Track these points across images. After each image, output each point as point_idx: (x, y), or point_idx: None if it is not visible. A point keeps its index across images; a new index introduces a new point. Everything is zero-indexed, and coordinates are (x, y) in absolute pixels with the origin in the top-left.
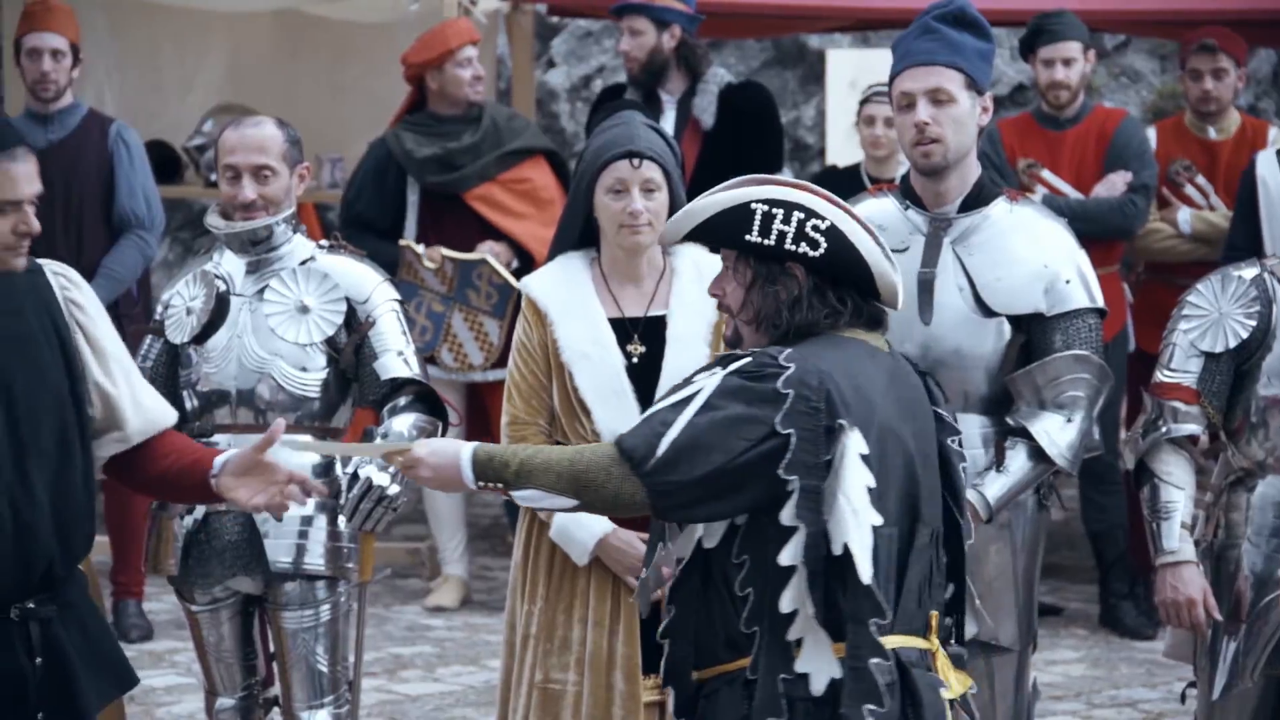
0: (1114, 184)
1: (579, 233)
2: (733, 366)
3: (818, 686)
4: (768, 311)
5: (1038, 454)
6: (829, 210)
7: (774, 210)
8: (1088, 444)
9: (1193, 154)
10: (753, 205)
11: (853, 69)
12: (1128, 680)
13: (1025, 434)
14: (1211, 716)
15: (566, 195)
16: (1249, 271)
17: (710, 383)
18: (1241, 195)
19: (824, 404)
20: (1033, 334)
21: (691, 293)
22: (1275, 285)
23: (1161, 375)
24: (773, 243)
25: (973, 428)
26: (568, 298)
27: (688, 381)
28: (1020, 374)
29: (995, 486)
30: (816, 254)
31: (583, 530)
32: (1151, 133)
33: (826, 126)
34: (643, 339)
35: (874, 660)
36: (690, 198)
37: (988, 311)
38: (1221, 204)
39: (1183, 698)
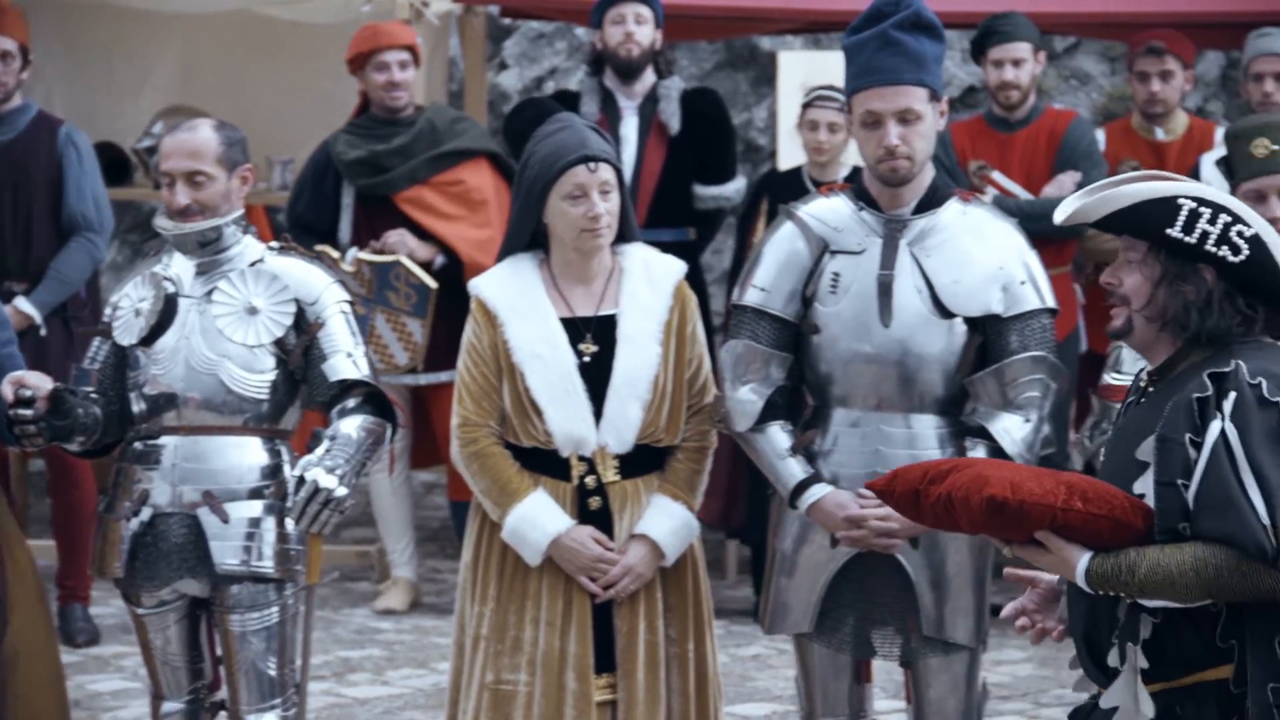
0: (1064, 184)
1: (529, 236)
2: (1230, 408)
3: None
4: (1175, 310)
5: (997, 453)
6: (1253, 218)
7: (1201, 209)
8: (1043, 442)
9: (1141, 155)
10: (1180, 200)
11: (804, 71)
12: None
13: (984, 433)
14: None
15: (511, 197)
16: None
17: (1229, 432)
18: None
19: None
20: (989, 335)
21: (642, 291)
22: None
23: (1109, 377)
24: (1194, 241)
25: (928, 428)
26: (518, 298)
27: (1167, 442)
28: (979, 376)
29: None
30: (1237, 259)
31: (536, 530)
32: (1101, 134)
33: (778, 128)
34: (594, 338)
35: None
36: (658, 202)
37: (945, 313)
38: None
39: None
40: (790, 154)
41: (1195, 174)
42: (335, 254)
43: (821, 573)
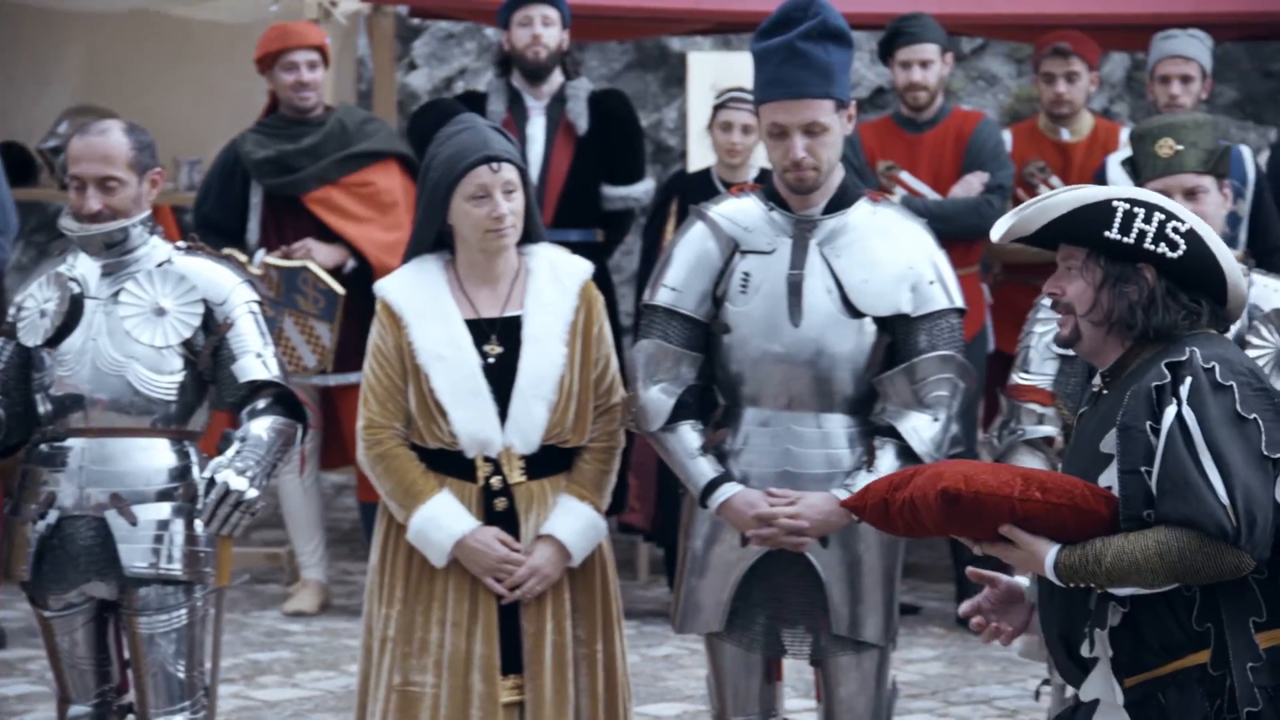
0: (971, 185)
1: (434, 238)
2: (1186, 393)
3: None
4: (1120, 312)
5: (906, 452)
6: (1186, 214)
7: (1135, 209)
8: (951, 440)
9: (1047, 155)
10: (1114, 203)
11: (714, 72)
12: (983, 678)
13: (893, 433)
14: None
15: (415, 199)
16: None
17: (1186, 415)
18: None
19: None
20: (898, 334)
21: (547, 292)
22: None
23: (1017, 377)
24: (1132, 241)
25: (838, 427)
26: (422, 300)
27: (1129, 430)
28: (888, 375)
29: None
30: (1175, 255)
31: (440, 532)
32: (1007, 135)
33: (688, 129)
34: (499, 339)
35: None
36: (565, 203)
37: (855, 312)
38: None
39: (1037, 695)
40: (701, 155)
41: (1101, 175)
42: (243, 258)
43: (732, 572)
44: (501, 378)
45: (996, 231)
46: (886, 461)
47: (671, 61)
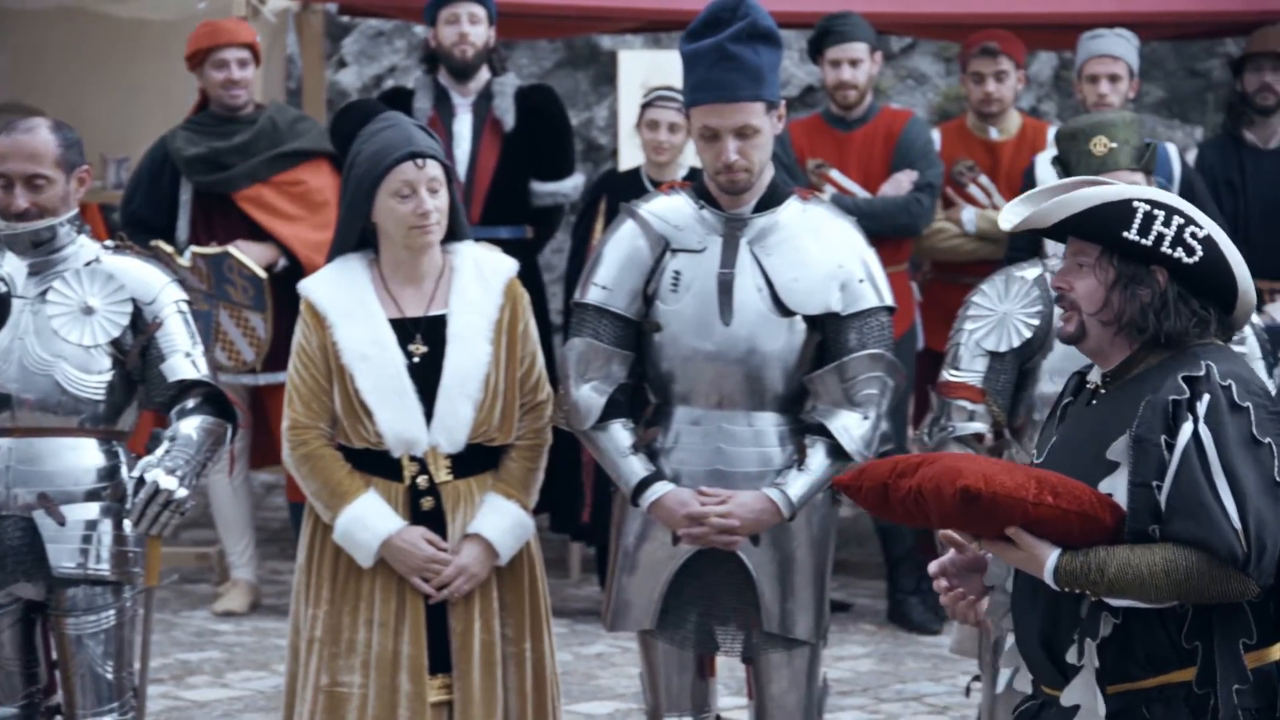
0: (900, 183)
1: (359, 236)
2: (1203, 411)
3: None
4: (1131, 314)
5: (836, 451)
6: (1205, 220)
7: (1156, 211)
8: (882, 438)
9: (976, 154)
10: (1135, 203)
11: (645, 70)
12: (914, 675)
13: (823, 431)
14: (995, 709)
15: (339, 197)
16: (1031, 272)
17: (1203, 434)
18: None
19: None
20: (828, 333)
21: (472, 290)
22: None
23: (948, 374)
24: (1150, 243)
25: (769, 425)
26: (346, 300)
27: (1143, 443)
28: (818, 374)
29: (797, 485)
30: (1191, 260)
31: (366, 532)
32: (936, 134)
33: (619, 127)
34: (424, 338)
35: None
36: (494, 200)
37: (785, 311)
38: (1004, 203)
39: (967, 691)
40: (632, 153)
41: (1030, 173)
42: (169, 249)
43: (663, 570)
44: (427, 377)
45: (1008, 221)
46: (818, 460)
47: (602, 60)
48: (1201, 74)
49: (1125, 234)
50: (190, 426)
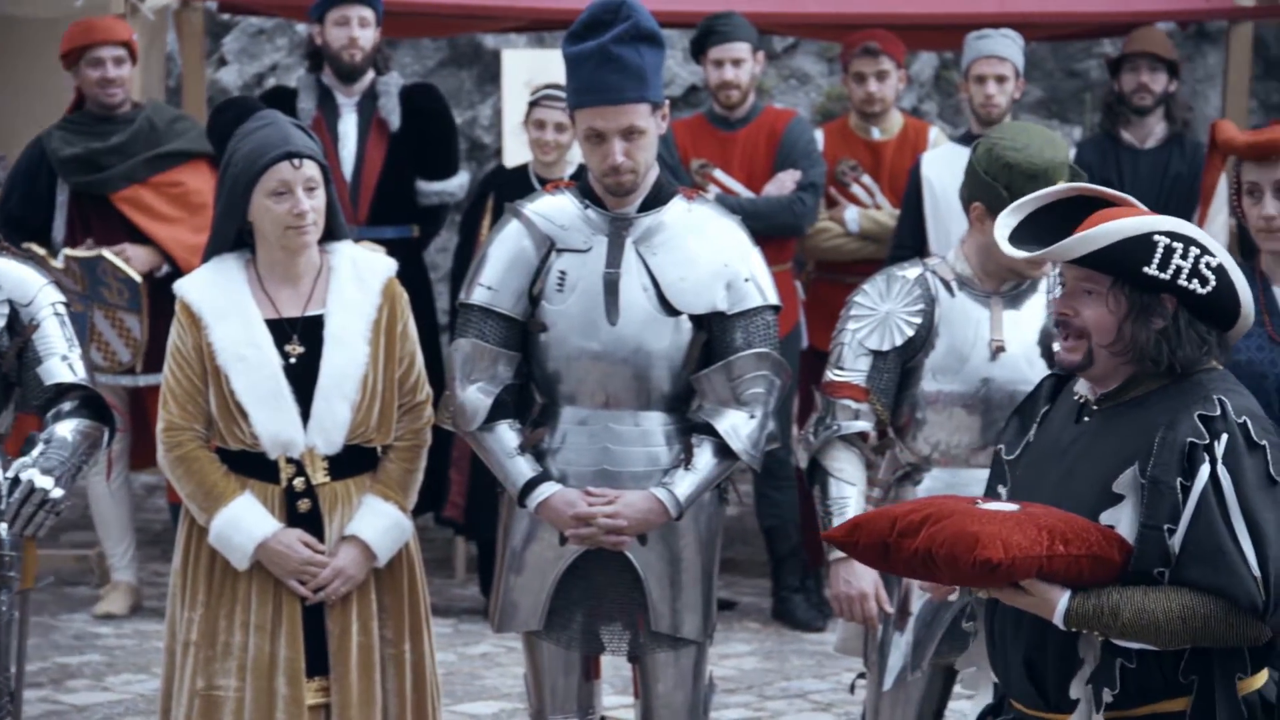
0: (783, 183)
1: (235, 236)
2: (1221, 452)
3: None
4: (1143, 344)
5: (723, 450)
6: (1217, 248)
7: (1174, 244)
8: (768, 438)
9: (858, 154)
10: (1155, 237)
11: (528, 69)
12: (799, 672)
13: (710, 430)
14: (880, 706)
15: (215, 196)
16: (912, 271)
17: (1222, 476)
18: (907, 195)
19: None
20: (714, 332)
21: (350, 291)
22: (937, 284)
23: (832, 374)
24: (1168, 277)
25: (656, 425)
26: (222, 300)
27: (1159, 485)
28: (705, 373)
29: (684, 484)
30: (1205, 291)
31: (241, 534)
32: (819, 133)
33: (503, 126)
34: (301, 339)
35: None
36: (380, 199)
37: (671, 310)
38: (887, 203)
39: (852, 688)
40: (516, 152)
41: (916, 172)
42: (41, 251)
43: (550, 570)
44: (303, 378)
45: (1006, 241)
46: (705, 459)
47: (485, 59)
48: (1079, 74)
49: (1146, 269)
50: (66, 429)
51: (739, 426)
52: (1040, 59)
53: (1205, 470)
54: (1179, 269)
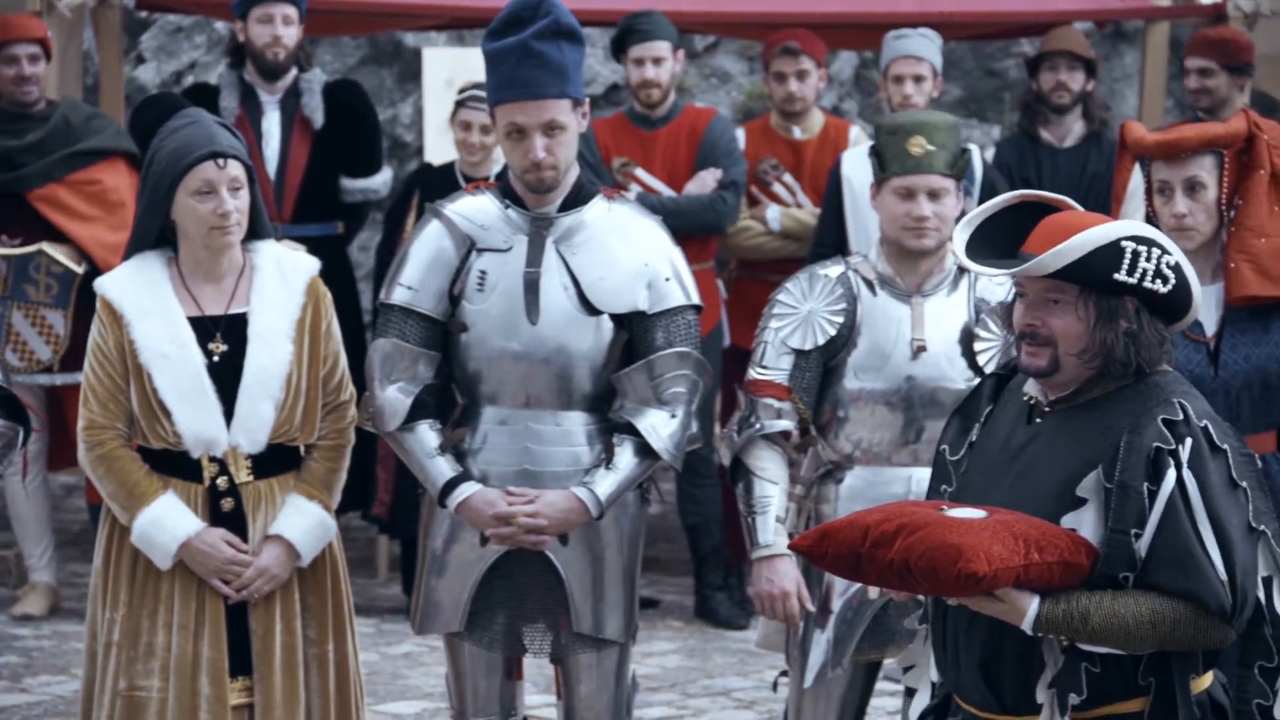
0: (705, 181)
1: (157, 234)
2: (1187, 456)
3: None
4: (1111, 347)
5: (644, 450)
6: (1171, 246)
7: (1140, 247)
8: (689, 437)
9: (779, 153)
10: (1123, 243)
11: (449, 67)
12: (722, 670)
13: (631, 430)
14: (802, 703)
15: (137, 194)
16: (834, 270)
17: (1188, 481)
18: (828, 194)
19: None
20: (635, 331)
21: (273, 289)
22: (859, 283)
23: (754, 372)
24: (1135, 281)
25: (577, 424)
26: (144, 298)
27: (1127, 490)
28: (625, 372)
29: (605, 484)
30: (1165, 290)
31: (164, 534)
32: (740, 132)
33: (424, 124)
34: (224, 337)
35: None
36: (304, 197)
37: (592, 310)
38: (808, 201)
39: (774, 686)
40: (438, 150)
41: (836, 171)
42: None
43: (471, 571)
44: (227, 376)
45: (994, 270)
46: (626, 458)
47: (406, 57)
48: (998, 73)
49: (1116, 275)
50: None
51: (660, 426)
52: (959, 58)
53: (1171, 475)
54: (1145, 271)
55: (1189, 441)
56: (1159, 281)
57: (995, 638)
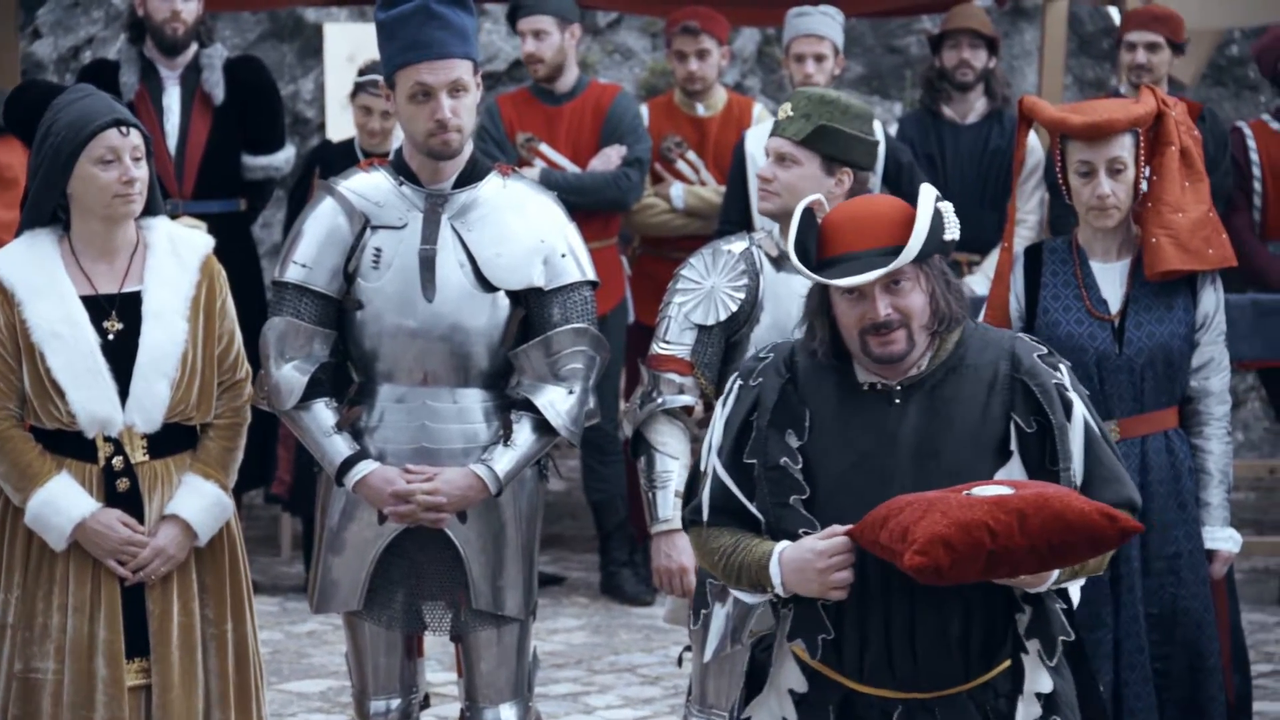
0: (609, 158)
1: (52, 210)
2: (1069, 382)
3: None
4: (940, 303)
5: (542, 426)
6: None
7: (939, 203)
8: (588, 413)
9: (683, 130)
10: (939, 205)
11: (351, 43)
12: (627, 646)
13: (529, 406)
14: (706, 677)
15: (29, 170)
16: (738, 246)
17: (1087, 407)
18: (732, 171)
19: None
20: (531, 308)
21: (168, 267)
22: (762, 259)
23: (657, 347)
24: (955, 235)
25: (474, 401)
26: (36, 276)
27: (1059, 430)
28: (522, 349)
29: (504, 461)
30: (956, 235)
31: (59, 515)
32: (644, 109)
33: (326, 100)
34: (119, 316)
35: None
36: (205, 173)
37: (488, 286)
38: (712, 179)
39: (679, 661)
40: (339, 126)
41: (740, 149)
42: None
43: (369, 549)
44: (121, 355)
45: (859, 279)
46: (524, 435)
47: (307, 32)
48: (899, 50)
49: (945, 236)
50: None
51: (557, 402)
52: (860, 35)
53: (1078, 404)
54: (950, 221)
55: (1063, 369)
56: (954, 228)
57: (965, 611)
